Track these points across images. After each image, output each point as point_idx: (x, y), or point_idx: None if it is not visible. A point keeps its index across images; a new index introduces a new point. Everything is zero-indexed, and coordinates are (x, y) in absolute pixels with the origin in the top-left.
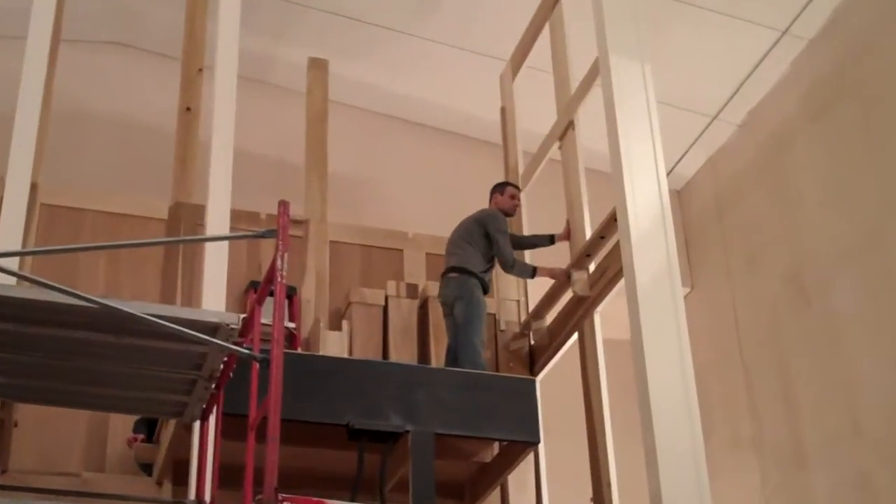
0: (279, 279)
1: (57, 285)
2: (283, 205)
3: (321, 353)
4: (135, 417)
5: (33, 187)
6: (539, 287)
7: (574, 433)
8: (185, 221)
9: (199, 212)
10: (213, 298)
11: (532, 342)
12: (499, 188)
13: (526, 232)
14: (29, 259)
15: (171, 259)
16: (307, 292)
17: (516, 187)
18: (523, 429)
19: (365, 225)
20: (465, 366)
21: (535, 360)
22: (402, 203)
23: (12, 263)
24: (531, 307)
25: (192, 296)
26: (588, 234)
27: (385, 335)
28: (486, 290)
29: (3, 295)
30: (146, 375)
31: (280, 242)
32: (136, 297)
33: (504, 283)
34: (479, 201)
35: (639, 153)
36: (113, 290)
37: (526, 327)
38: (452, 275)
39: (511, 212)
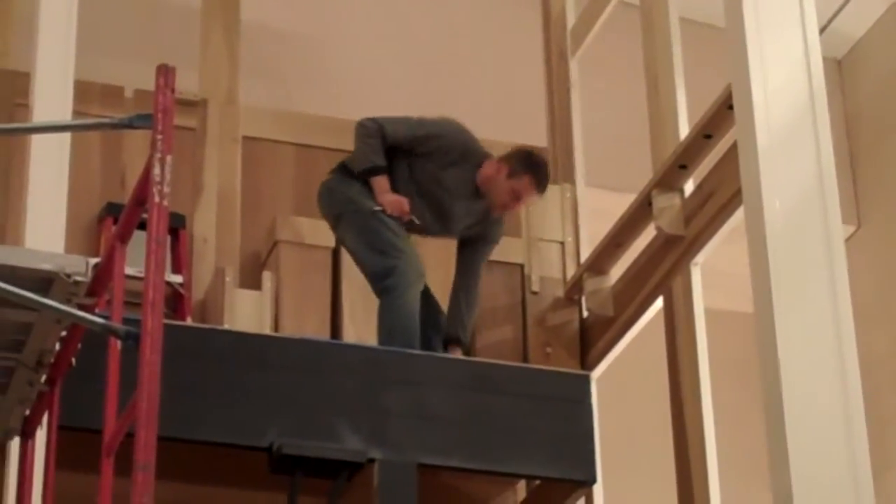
0: (157, 201)
1: None
2: (165, 73)
3: (227, 326)
4: None
5: None
6: (598, 222)
7: (652, 463)
8: None
9: (19, 83)
10: (45, 232)
11: (586, 314)
12: (514, 162)
13: (579, 138)
14: None
15: None
16: (204, 224)
17: (540, 183)
18: (570, 459)
19: (303, 111)
20: (383, 340)
21: (589, 343)
22: (366, 76)
23: None
24: (584, 254)
25: (6, 227)
26: (683, 130)
27: (336, 297)
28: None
29: None
30: None
31: (159, 138)
32: None
33: (537, 214)
34: (499, 76)
35: None
36: None
37: (575, 289)
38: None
39: (494, 206)
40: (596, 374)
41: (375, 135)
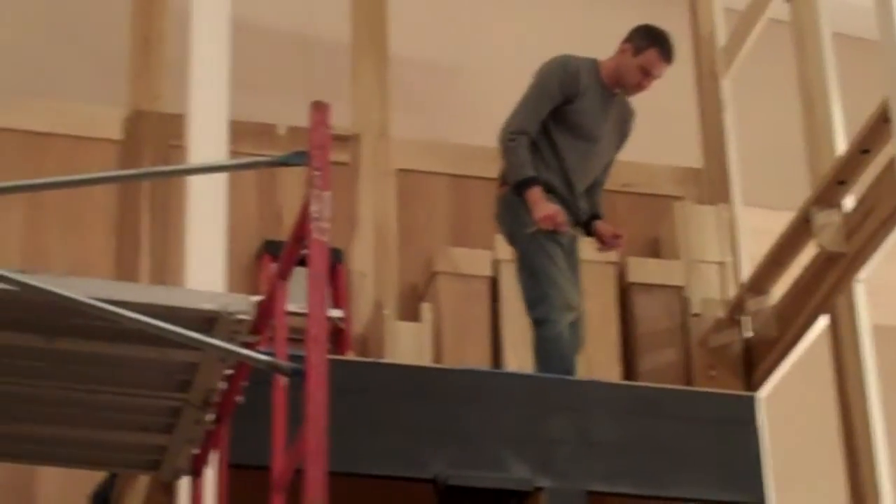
0: (316, 237)
1: None
2: (319, 110)
3: (388, 359)
4: (82, 476)
5: None
6: (758, 241)
7: (824, 483)
8: (150, 142)
9: (173, 126)
10: (205, 271)
11: (749, 334)
12: (637, 39)
13: (734, 158)
14: None
15: (131, 206)
16: (361, 258)
17: (665, 52)
18: (738, 481)
19: (456, 141)
20: (540, 371)
21: (753, 364)
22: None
23: None
24: (744, 274)
25: (166, 268)
26: (840, 146)
27: (496, 326)
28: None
29: None
30: (97, 403)
31: (315, 174)
32: (74, 271)
33: (695, 235)
34: (651, 98)
35: None
36: (39, 263)
37: (738, 309)
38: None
39: (629, 89)
40: (762, 394)
41: (517, 142)
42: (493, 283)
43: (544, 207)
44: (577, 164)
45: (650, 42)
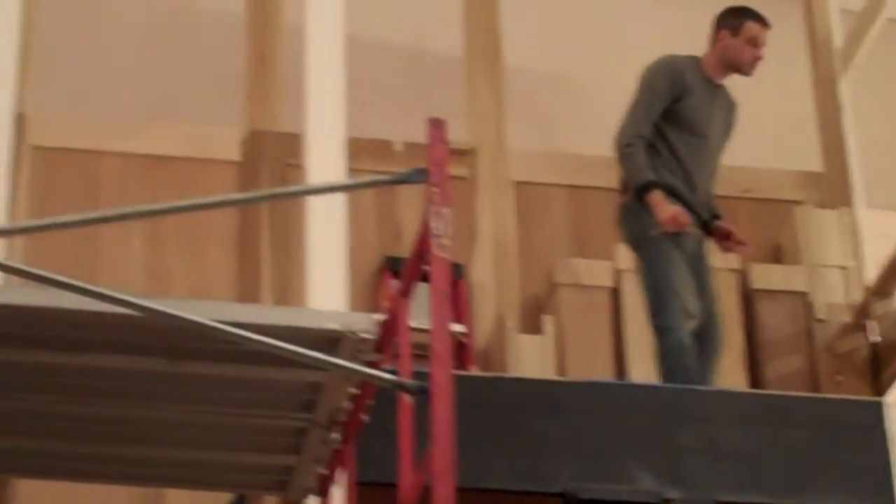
0: (437, 254)
1: (68, 281)
2: (437, 127)
3: (511, 372)
4: (209, 497)
5: (19, 120)
6: (882, 244)
7: None
8: (268, 163)
9: (290, 145)
10: (327, 290)
11: (876, 339)
12: (728, 21)
13: (855, 161)
14: (17, 240)
15: (251, 226)
16: (482, 272)
17: (760, 18)
18: (868, 489)
19: (573, 152)
20: (664, 380)
21: (881, 368)
22: None
23: None
24: (869, 277)
25: (288, 288)
26: None
27: (618, 336)
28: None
29: None
30: (223, 425)
31: (435, 191)
32: (197, 294)
33: (817, 240)
34: (770, 103)
35: None
36: (160, 286)
37: (863, 314)
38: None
39: (747, 67)
40: (890, 399)
41: (634, 147)
42: (615, 294)
43: (667, 209)
44: (694, 161)
45: (742, 16)
